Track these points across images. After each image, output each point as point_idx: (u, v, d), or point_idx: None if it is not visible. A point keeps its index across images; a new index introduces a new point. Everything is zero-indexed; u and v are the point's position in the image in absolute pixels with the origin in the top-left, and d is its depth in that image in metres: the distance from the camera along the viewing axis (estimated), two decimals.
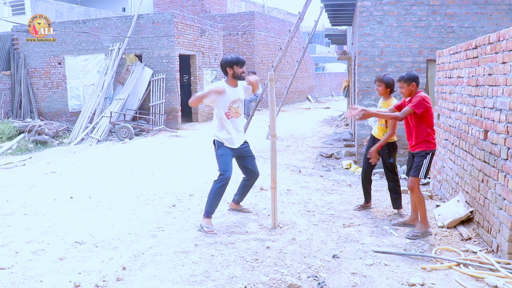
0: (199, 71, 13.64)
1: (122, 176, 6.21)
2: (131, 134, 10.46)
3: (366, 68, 7.13)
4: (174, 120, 12.35)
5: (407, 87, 3.69)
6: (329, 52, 38.84)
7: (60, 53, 12.95)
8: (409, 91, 3.70)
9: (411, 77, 3.68)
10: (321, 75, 27.99)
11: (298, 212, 4.36)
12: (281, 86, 19.51)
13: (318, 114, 17.24)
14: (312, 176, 6.25)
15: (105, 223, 4.10)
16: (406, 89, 3.70)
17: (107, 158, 7.89)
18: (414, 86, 3.68)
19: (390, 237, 3.69)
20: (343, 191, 5.35)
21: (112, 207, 4.68)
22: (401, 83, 3.71)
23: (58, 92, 13.22)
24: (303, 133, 11.53)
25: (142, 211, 4.51)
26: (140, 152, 8.37)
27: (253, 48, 18.29)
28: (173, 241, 3.57)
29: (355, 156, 7.73)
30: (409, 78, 3.67)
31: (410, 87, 3.68)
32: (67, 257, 3.29)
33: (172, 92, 12.31)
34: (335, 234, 3.75)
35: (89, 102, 11.78)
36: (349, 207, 4.57)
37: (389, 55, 7.01)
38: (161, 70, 12.24)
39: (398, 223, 3.97)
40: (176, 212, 4.44)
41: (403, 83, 3.70)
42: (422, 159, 3.64)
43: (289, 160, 7.70)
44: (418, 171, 3.64)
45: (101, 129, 10.78)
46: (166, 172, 6.44)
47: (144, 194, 5.16)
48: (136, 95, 12.00)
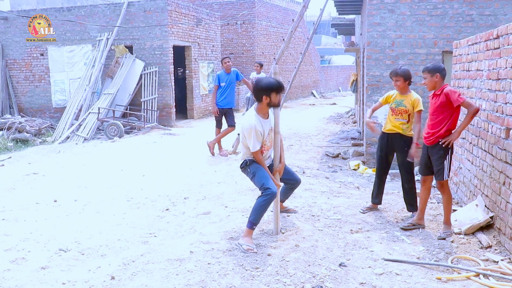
0: (194, 64, 13.62)
1: (111, 178, 6.20)
2: (121, 132, 10.45)
3: (375, 61, 7.12)
4: (167, 117, 12.33)
5: (430, 78, 3.73)
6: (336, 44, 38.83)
7: (42, 43, 12.90)
8: (433, 83, 3.75)
9: (436, 67, 3.72)
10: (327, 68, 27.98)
11: (301, 217, 4.36)
12: (283, 80, 19.48)
13: (323, 110, 17.24)
14: (317, 178, 6.24)
15: (92, 229, 4.09)
16: (430, 81, 3.74)
17: (94, 158, 7.88)
18: (438, 77, 3.72)
19: (402, 244, 3.68)
20: (351, 194, 5.35)
21: (100, 211, 4.67)
22: (425, 74, 3.76)
23: (40, 86, 13.19)
24: (307, 131, 11.52)
25: (133, 215, 4.50)
26: (131, 152, 8.36)
27: (253, 39, 18.28)
28: (167, 248, 3.56)
29: (363, 156, 7.72)
30: (433, 69, 3.71)
31: (434, 78, 3.72)
32: (50, 266, 3.28)
33: (165, 86, 12.29)
34: (342, 240, 3.74)
35: (75, 97, 11.77)
36: (357, 211, 4.57)
37: (401, 46, 6.99)
38: (153, 62, 12.22)
39: (407, 225, 4.03)
40: (169, 216, 4.44)
41: (427, 73, 3.74)
42: (442, 160, 3.72)
43: (292, 160, 7.69)
44: (442, 174, 3.76)
45: (88, 127, 10.76)
46: (159, 173, 6.43)
47: (135, 197, 5.15)
48: (127, 89, 11.98)
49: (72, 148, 9.29)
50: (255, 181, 3.66)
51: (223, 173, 6.28)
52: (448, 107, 3.67)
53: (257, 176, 3.61)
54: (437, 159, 3.74)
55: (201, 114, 14.23)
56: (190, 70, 13.55)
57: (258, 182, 3.61)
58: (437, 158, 3.74)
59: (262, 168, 3.63)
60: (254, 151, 3.55)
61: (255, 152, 3.56)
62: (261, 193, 3.59)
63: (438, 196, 5.07)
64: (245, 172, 3.78)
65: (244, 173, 3.80)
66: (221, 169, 6.52)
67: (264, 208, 3.57)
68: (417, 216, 4.07)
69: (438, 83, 3.74)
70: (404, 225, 4.04)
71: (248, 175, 3.73)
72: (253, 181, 3.70)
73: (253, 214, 3.57)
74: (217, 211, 4.57)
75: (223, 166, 6.74)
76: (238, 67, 17.12)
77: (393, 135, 4.27)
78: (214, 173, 6.30)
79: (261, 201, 3.54)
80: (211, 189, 5.46)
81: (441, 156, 3.73)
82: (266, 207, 3.58)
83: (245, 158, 3.70)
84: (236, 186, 5.51)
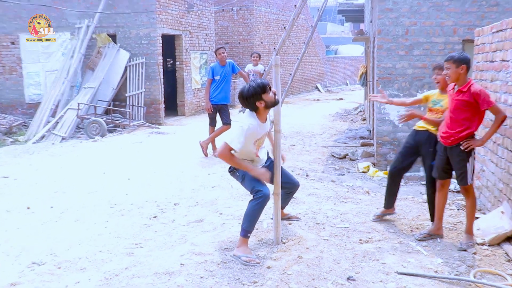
0: (186, 55, 13.60)
1: (92, 182, 6.17)
2: (104, 130, 10.41)
3: (387, 51, 7.11)
4: (155, 114, 12.32)
5: (455, 69, 3.68)
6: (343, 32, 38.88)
7: (13, 30, 12.78)
8: (456, 75, 3.70)
9: (462, 58, 3.68)
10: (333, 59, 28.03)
11: (305, 225, 4.34)
12: (284, 73, 19.50)
13: (329, 106, 17.25)
14: (322, 181, 6.23)
15: (70, 239, 4.07)
16: (454, 72, 3.70)
17: (73, 159, 7.85)
18: (464, 69, 3.68)
19: (417, 255, 3.66)
20: (360, 199, 5.34)
21: (79, 219, 4.65)
22: (449, 64, 3.71)
23: (11, 78, 13.09)
24: (311, 130, 11.52)
25: (117, 223, 4.48)
26: (115, 152, 8.34)
27: (251, 27, 18.26)
28: (154, 260, 3.54)
29: (374, 158, 7.71)
30: (460, 59, 3.67)
31: (459, 70, 3.68)
32: (21, 282, 3.25)
33: (153, 80, 12.26)
34: (350, 251, 3.73)
35: (51, 91, 11.72)
36: (367, 218, 4.56)
37: (416, 34, 6.98)
38: (139, 53, 12.19)
39: (423, 235, 4.01)
40: (158, 224, 4.42)
41: (451, 63, 3.70)
42: (464, 163, 3.71)
43: (294, 161, 7.68)
44: (465, 178, 3.75)
45: (66, 124, 10.72)
46: (146, 176, 6.41)
47: (119, 203, 5.13)
48: (110, 83, 11.95)
49: (48, 148, 9.24)
50: (245, 184, 3.69)
51: (218, 176, 6.26)
52: (473, 107, 3.63)
53: (247, 179, 3.64)
54: (459, 162, 3.71)
55: (193, 110, 14.21)
56: (181, 61, 13.53)
57: (249, 185, 3.64)
58: (459, 161, 3.71)
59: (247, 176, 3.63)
60: (231, 146, 3.48)
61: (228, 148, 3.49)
62: (253, 196, 3.60)
63: (458, 202, 5.06)
64: (234, 176, 3.79)
65: (234, 177, 3.82)
66: (215, 172, 6.50)
67: (257, 213, 3.57)
68: (435, 225, 4.04)
69: (462, 76, 3.69)
70: (419, 237, 4.01)
71: (238, 179, 3.75)
72: (243, 185, 3.73)
73: (246, 221, 3.57)
74: (210, 218, 4.55)
75: (217, 168, 6.72)
76: (234, 59, 17.11)
77: (421, 133, 4.20)
78: (208, 176, 6.28)
79: (253, 205, 3.55)
80: (204, 194, 5.44)
81: (463, 159, 3.70)
82: (259, 212, 3.58)
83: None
84: (231, 191, 5.49)
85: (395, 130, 7.26)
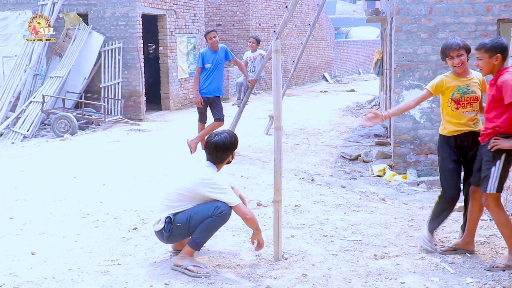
0: (170, 39, 13.58)
1: (60, 188, 6.16)
2: (74, 127, 10.40)
3: (407, 34, 7.12)
4: (135, 108, 12.31)
5: (488, 59, 3.62)
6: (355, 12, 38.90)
7: None
8: (490, 67, 3.65)
9: (497, 45, 3.60)
10: (343, 44, 28.05)
11: (310, 238, 4.35)
12: (286, 60, 19.52)
13: (338, 99, 17.26)
14: (330, 187, 6.24)
15: (34, 256, 4.05)
16: (486, 63, 3.64)
17: (38, 161, 7.84)
18: (499, 59, 3.61)
19: (442, 274, 3.67)
20: (374, 207, 5.35)
21: (45, 232, 4.64)
22: (480, 53, 3.64)
23: None
24: (317, 126, 11.53)
25: (89, 236, 4.47)
26: (87, 153, 8.32)
27: (247, 7, 18.26)
28: (134, 280, 3.53)
29: (390, 159, 7.73)
30: (493, 47, 3.60)
31: (493, 60, 3.61)
32: None
33: (132, 68, 12.25)
34: (362, 268, 3.73)
35: (10, 80, 11.65)
36: (383, 230, 4.56)
37: (441, 14, 6.99)
38: (116, 36, 12.17)
39: (447, 248, 4.01)
40: (138, 238, 4.41)
41: (483, 52, 3.63)
42: (489, 166, 3.64)
43: (297, 164, 7.68)
44: (486, 183, 3.64)
45: (29, 120, 10.68)
46: (124, 181, 6.41)
47: (93, 213, 5.13)
48: (81, 71, 11.92)
49: (6, 148, 9.23)
50: (197, 220, 3.58)
51: None
52: (500, 102, 3.59)
53: (195, 216, 3.58)
54: (485, 163, 3.67)
55: (179, 104, 14.20)
56: (165, 46, 13.51)
57: (204, 215, 3.57)
58: (485, 162, 3.68)
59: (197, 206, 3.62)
60: (238, 203, 3.63)
61: (239, 206, 3.65)
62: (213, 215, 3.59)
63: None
64: (176, 232, 3.64)
65: (176, 234, 3.67)
66: None
67: (214, 226, 3.64)
68: (464, 239, 4.00)
69: (497, 67, 3.63)
70: (442, 249, 4.00)
71: (183, 229, 3.62)
72: (194, 225, 3.60)
73: (198, 232, 3.62)
74: None
75: None
76: (228, 43, 17.08)
77: (463, 136, 3.98)
78: None
79: (212, 219, 3.59)
80: None
81: (489, 160, 3.65)
82: (217, 226, 3.68)
83: (167, 215, 3.64)
84: None
85: (416, 127, 7.28)
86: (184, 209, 3.65)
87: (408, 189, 6.47)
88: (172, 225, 3.61)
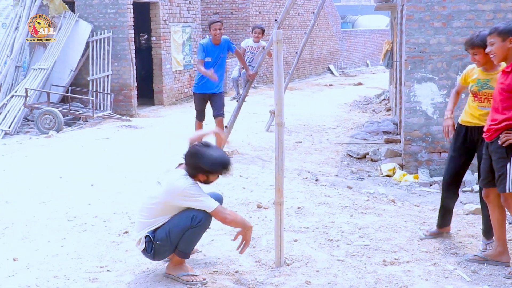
0: (164, 28, 13.56)
1: (45, 189, 6.16)
2: (60, 123, 10.39)
3: (419, 23, 7.10)
4: (126, 103, 12.31)
5: (501, 43, 3.64)
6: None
7: None
8: (504, 52, 3.66)
9: (510, 28, 3.63)
10: (350, 34, 28.04)
11: (314, 242, 4.35)
12: (288, 51, 19.50)
13: (344, 93, 17.26)
14: (336, 188, 6.24)
15: (16, 263, 4.04)
16: (500, 47, 3.66)
17: (20, 160, 7.84)
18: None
19: (457, 281, 3.67)
20: (383, 210, 5.35)
21: (27, 236, 4.63)
22: (493, 37, 3.67)
23: None
24: (321, 122, 11.53)
25: (77, 241, 4.47)
26: (74, 152, 8.32)
27: None
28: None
29: (401, 158, 7.73)
30: (506, 30, 3.62)
31: (507, 43, 3.63)
32: None
33: (123, 59, 12.24)
34: (370, 275, 3.73)
35: None
36: (392, 234, 4.57)
37: (456, 1, 6.95)
38: (105, 25, 12.17)
39: (475, 258, 3.98)
40: (129, 242, 4.40)
41: (495, 36, 3.66)
42: (503, 163, 3.63)
43: (300, 162, 7.68)
44: (504, 182, 3.63)
45: (10, 116, 10.69)
46: (114, 182, 6.41)
47: (80, 216, 5.12)
48: (67, 63, 11.92)
49: None
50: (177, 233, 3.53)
51: None
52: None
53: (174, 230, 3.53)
54: (497, 161, 3.65)
55: (173, 98, 14.19)
56: (158, 36, 13.50)
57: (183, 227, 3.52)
58: (497, 160, 3.65)
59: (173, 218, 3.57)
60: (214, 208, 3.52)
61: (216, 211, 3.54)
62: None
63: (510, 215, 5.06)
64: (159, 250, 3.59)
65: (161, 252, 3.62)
66: None
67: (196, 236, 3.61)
68: (495, 248, 3.92)
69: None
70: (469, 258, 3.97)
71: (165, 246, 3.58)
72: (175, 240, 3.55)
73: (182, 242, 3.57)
74: None
75: None
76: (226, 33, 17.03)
77: (474, 130, 4.11)
78: None
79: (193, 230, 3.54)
80: None
81: (502, 157, 3.63)
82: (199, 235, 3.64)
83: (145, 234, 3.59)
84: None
85: (429, 123, 7.25)
86: (161, 224, 3.58)
87: (420, 190, 6.46)
88: (153, 243, 3.56)
